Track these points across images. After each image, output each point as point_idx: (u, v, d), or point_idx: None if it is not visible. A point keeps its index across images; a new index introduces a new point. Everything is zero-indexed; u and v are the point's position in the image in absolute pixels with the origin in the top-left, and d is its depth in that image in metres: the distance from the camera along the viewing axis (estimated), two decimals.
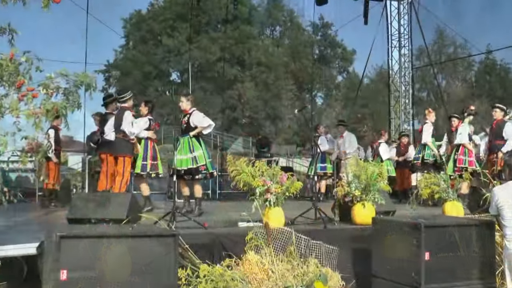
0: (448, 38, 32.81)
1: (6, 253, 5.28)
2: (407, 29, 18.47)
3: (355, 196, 7.25)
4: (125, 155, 8.79)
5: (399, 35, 18.57)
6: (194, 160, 8.41)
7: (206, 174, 8.60)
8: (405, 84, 18.81)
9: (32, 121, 4.72)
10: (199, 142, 8.58)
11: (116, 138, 8.93)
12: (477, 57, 31.76)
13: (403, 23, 18.54)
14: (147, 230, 5.02)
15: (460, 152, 10.57)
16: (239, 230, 6.42)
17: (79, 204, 6.59)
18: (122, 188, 8.68)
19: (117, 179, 8.73)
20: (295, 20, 42.34)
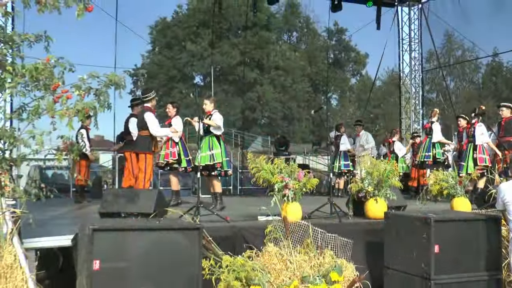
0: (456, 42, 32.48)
1: (44, 244, 5.34)
2: (417, 34, 18.34)
3: (368, 192, 7.23)
4: (146, 152, 8.81)
5: (410, 39, 18.44)
6: (211, 157, 8.48)
7: (221, 172, 8.64)
8: (415, 86, 18.66)
9: (65, 121, 4.77)
10: (218, 142, 8.63)
11: (138, 136, 8.97)
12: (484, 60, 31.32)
13: (413, 28, 18.41)
14: (173, 223, 5.05)
15: (479, 151, 10.43)
16: (259, 223, 6.43)
17: (110, 199, 6.64)
18: (145, 184, 8.70)
19: (140, 176, 8.75)
20: (311, 26, 42.34)
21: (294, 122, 38.33)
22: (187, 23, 37.03)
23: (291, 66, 37.73)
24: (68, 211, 8.80)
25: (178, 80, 36.70)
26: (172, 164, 9.58)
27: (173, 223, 5.13)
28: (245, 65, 32.40)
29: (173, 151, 9.54)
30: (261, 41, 36.86)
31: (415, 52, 18.51)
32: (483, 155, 10.42)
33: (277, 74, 37.35)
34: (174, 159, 9.50)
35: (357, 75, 44.40)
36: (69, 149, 5.07)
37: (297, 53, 40.31)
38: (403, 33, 18.55)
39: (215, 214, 6.89)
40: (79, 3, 4.95)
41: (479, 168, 10.12)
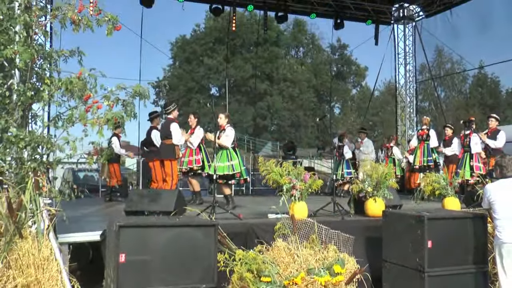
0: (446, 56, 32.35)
1: (76, 239, 5.38)
2: (411, 49, 18.26)
3: (368, 192, 7.20)
4: (171, 159, 8.84)
5: (405, 54, 18.36)
6: (230, 168, 8.42)
7: (240, 180, 8.61)
8: (410, 95, 18.57)
9: (96, 128, 4.80)
10: (236, 153, 8.56)
11: (162, 144, 8.99)
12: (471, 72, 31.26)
13: (408, 44, 18.33)
14: (191, 220, 5.05)
15: (475, 160, 10.38)
16: (269, 220, 6.42)
17: (135, 199, 6.66)
18: (173, 187, 8.74)
19: (168, 180, 8.79)
20: (316, 42, 42.31)
21: (300, 129, 38.28)
22: (204, 40, 37.16)
23: (298, 78, 37.72)
24: (97, 209, 8.84)
25: (196, 92, 36.79)
26: (196, 170, 9.52)
27: (191, 220, 5.13)
28: (256, 78, 32.47)
29: (197, 158, 9.48)
30: (271, 56, 36.90)
31: (409, 65, 18.44)
32: (478, 164, 10.38)
33: (286, 85, 37.35)
34: (199, 166, 9.47)
35: (357, 86, 44.28)
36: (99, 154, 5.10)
37: (304, 67, 40.28)
38: (399, 48, 18.48)
39: (229, 212, 6.90)
40: (109, 23, 5.00)
41: (476, 175, 10.10)
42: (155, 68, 47.36)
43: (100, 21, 4.95)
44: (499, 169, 5.24)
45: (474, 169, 10.32)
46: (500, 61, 17.55)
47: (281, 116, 37.21)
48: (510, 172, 5.16)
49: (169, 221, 4.88)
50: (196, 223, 4.81)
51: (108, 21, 4.97)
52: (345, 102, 42.89)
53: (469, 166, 10.39)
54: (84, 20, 4.99)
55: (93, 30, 5.01)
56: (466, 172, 10.21)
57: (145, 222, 4.77)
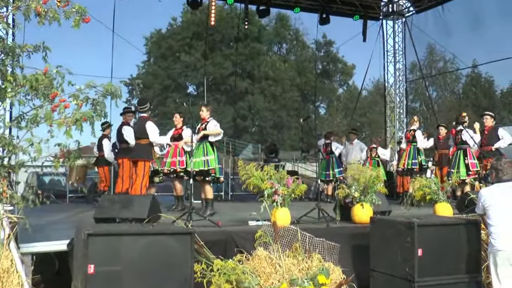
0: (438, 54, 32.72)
1: (40, 249, 5.30)
2: (401, 46, 18.43)
3: (354, 197, 7.23)
4: (144, 159, 8.80)
5: (394, 51, 18.53)
6: (205, 163, 8.40)
7: (214, 178, 8.57)
8: (400, 95, 18.75)
9: (63, 129, 4.74)
10: (212, 148, 8.56)
11: (136, 144, 8.95)
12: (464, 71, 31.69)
13: (397, 40, 18.50)
14: (166, 228, 5.02)
15: (470, 157, 10.33)
16: (250, 228, 6.41)
17: (105, 205, 6.61)
18: (142, 190, 8.68)
19: (137, 182, 8.73)
20: (300, 38, 42.40)
21: (283, 130, 38.34)
22: (181, 35, 37.02)
23: (281, 77, 37.78)
24: (65, 216, 8.74)
25: (172, 90, 36.63)
26: (179, 172, 9.51)
27: (166, 228, 5.10)
28: (236, 76, 32.45)
29: (181, 160, 9.47)
30: (252, 52, 36.92)
31: (399, 63, 18.61)
32: (474, 161, 10.33)
33: (268, 84, 37.38)
34: (182, 168, 9.45)
35: (344, 85, 44.52)
36: (66, 157, 5.04)
37: (287, 64, 40.37)
38: (388, 45, 18.65)
39: (207, 219, 6.88)
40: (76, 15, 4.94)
41: (473, 173, 10.12)
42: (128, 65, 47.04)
43: (68, 13, 4.89)
44: (494, 173, 5.25)
45: (470, 167, 10.27)
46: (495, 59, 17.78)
47: (262, 116, 37.25)
48: (506, 175, 5.15)
49: (142, 228, 4.86)
50: (171, 231, 4.79)
51: (75, 12, 4.92)
52: (331, 102, 43.10)
53: (463, 164, 10.35)
54: (50, 12, 4.93)
55: (60, 23, 4.95)
56: (462, 171, 10.24)
57: (116, 230, 4.73)
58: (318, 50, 40.13)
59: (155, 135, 8.83)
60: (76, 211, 9.79)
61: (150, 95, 32.84)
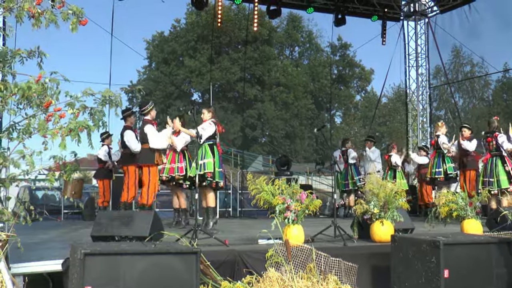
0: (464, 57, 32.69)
1: (32, 269, 5.31)
2: (424, 49, 18.43)
3: (374, 214, 7.19)
4: (149, 165, 8.84)
5: (416, 55, 18.52)
6: (202, 167, 8.36)
7: (212, 183, 8.46)
8: (423, 102, 18.71)
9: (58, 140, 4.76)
10: (212, 151, 8.50)
11: (142, 149, 9.01)
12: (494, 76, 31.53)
13: (420, 43, 18.50)
14: (169, 247, 5.01)
15: (509, 163, 10.16)
16: (260, 247, 6.39)
17: (103, 222, 6.62)
18: (149, 199, 8.72)
19: (144, 189, 8.78)
20: (314, 40, 42.53)
21: (296, 141, 38.34)
22: (185, 37, 37.23)
23: (293, 82, 37.85)
24: (59, 234, 8.76)
25: (175, 97, 36.80)
26: (178, 179, 9.54)
27: (169, 247, 5.09)
28: (245, 81, 32.55)
29: (180, 166, 9.50)
30: (262, 56, 37.03)
31: (422, 67, 18.60)
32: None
33: (279, 90, 37.46)
34: (181, 175, 9.47)
35: (362, 92, 44.59)
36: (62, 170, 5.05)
37: (299, 69, 40.48)
38: (409, 48, 18.65)
39: (213, 237, 6.86)
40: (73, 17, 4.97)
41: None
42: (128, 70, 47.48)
43: (64, 14, 4.93)
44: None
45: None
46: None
47: (273, 126, 37.27)
48: None
49: (144, 247, 4.85)
50: (175, 250, 4.78)
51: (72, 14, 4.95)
52: (347, 110, 43.11)
53: (503, 171, 10.17)
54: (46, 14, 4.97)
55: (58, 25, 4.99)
56: (502, 179, 10.10)
57: (115, 249, 4.73)
58: (333, 53, 40.26)
59: (154, 139, 8.83)
60: (72, 229, 9.81)
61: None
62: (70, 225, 10.60)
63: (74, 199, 12.11)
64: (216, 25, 17.25)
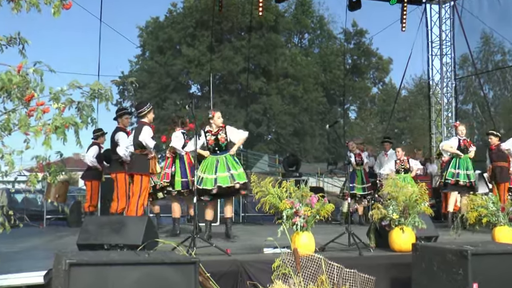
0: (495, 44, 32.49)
1: (11, 282, 5.31)
2: (449, 35, 18.39)
3: (392, 219, 7.18)
4: (142, 173, 8.83)
5: (441, 42, 18.50)
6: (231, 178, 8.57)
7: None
8: (448, 95, 18.70)
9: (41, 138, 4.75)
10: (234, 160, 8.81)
11: (133, 155, 9.00)
12: None
13: (444, 29, 18.47)
14: (165, 257, 5.01)
15: None
16: (265, 257, 6.41)
17: (91, 229, 6.63)
18: (139, 211, 8.71)
19: (132, 200, 8.77)
20: (326, 27, 42.44)
21: (306, 138, 38.30)
22: (183, 23, 37.19)
23: (302, 74, 37.79)
24: (41, 242, 8.78)
25: (171, 90, 36.79)
26: (166, 187, 9.65)
27: (165, 256, 5.09)
28: (249, 73, 32.51)
29: (167, 172, 9.58)
30: (268, 44, 36.98)
31: (446, 56, 18.57)
32: None
33: (286, 82, 37.42)
34: (167, 182, 9.53)
35: (379, 84, 44.46)
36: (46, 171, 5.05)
37: (310, 58, 40.41)
38: (433, 34, 18.66)
39: (214, 246, 6.87)
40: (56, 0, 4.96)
41: None
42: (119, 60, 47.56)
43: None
44: None
45: None
46: None
47: (280, 122, 37.25)
48: None
49: (136, 257, 4.85)
50: (170, 260, 4.78)
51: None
52: (363, 104, 43.03)
53: None
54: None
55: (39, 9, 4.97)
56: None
57: (104, 259, 4.73)
58: (347, 41, 40.15)
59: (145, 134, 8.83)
60: (56, 236, 9.83)
61: (146, 97, 33.00)
62: (53, 232, 10.62)
63: (58, 203, 12.13)
64: (217, 10, 17.26)
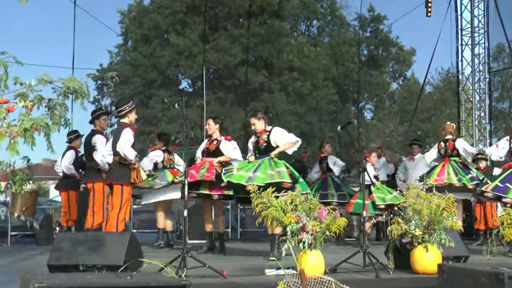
0: None
1: None
2: (482, 22, 18.40)
3: (415, 236, 7.19)
4: (123, 183, 8.83)
5: (472, 30, 18.51)
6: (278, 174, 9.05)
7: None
8: (480, 92, 18.70)
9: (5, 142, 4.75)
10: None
11: (113, 162, 9.00)
12: None
13: (477, 14, 18.50)
14: (150, 279, 5.02)
15: None
16: (267, 279, 6.43)
17: (64, 247, 6.62)
18: (119, 226, 8.71)
19: (112, 214, 8.77)
20: (338, 12, 42.45)
21: (314, 142, 38.24)
22: (171, 8, 37.20)
23: (310, 67, 37.78)
24: (6, 263, 8.80)
25: (158, 86, 36.79)
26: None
27: (150, 279, 5.11)
28: (248, 66, 32.52)
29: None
30: (270, 32, 36.99)
31: (479, 46, 18.60)
32: None
33: (292, 77, 37.42)
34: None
35: (399, 78, 44.46)
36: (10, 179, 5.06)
37: (319, 49, 40.44)
38: (463, 21, 18.63)
39: (207, 266, 6.89)
40: None
41: None
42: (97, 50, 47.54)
43: None
44: None
45: None
46: None
47: (285, 122, 37.11)
48: None
49: (117, 280, 4.86)
50: (157, 283, 4.80)
51: None
52: (380, 102, 43.00)
53: None
54: None
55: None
56: None
57: (80, 281, 4.75)
58: (362, 28, 40.16)
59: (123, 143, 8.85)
60: (22, 256, 9.83)
61: (129, 93, 32.98)
62: (19, 251, 10.63)
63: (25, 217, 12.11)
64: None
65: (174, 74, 37.85)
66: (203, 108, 23.33)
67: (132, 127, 9.10)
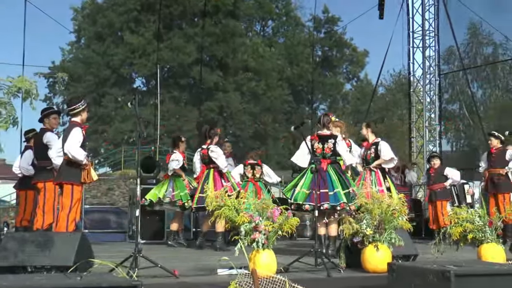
0: (484, 36, 33.05)
1: None
2: (433, 25, 18.62)
3: (366, 236, 7.23)
4: (73, 182, 8.72)
5: (423, 33, 18.72)
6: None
7: None
8: (431, 94, 18.91)
9: None
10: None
11: (63, 161, 8.89)
12: None
13: (428, 18, 18.69)
14: (101, 280, 4.97)
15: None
16: (219, 279, 6.41)
17: (11, 247, 6.52)
18: (69, 226, 8.60)
19: (62, 214, 8.65)
20: (292, 13, 42.64)
21: (268, 142, 38.43)
22: (125, 6, 36.99)
23: (264, 67, 37.90)
24: None
25: (112, 84, 36.57)
26: None
27: (101, 279, 5.05)
28: (203, 65, 32.45)
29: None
30: (225, 32, 37.01)
31: (430, 49, 18.81)
32: None
33: (246, 77, 37.50)
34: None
35: (353, 80, 44.87)
36: None
37: (273, 49, 40.55)
38: (415, 24, 18.83)
39: (159, 266, 6.85)
40: None
41: None
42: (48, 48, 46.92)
43: None
44: None
45: None
46: None
47: (239, 122, 37.32)
48: None
49: (66, 281, 4.81)
50: (108, 284, 4.74)
51: None
52: (334, 103, 43.33)
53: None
54: None
55: None
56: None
57: (27, 283, 4.68)
58: (317, 30, 40.39)
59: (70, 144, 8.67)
60: None
61: (81, 92, 32.66)
62: None
63: None
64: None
65: (128, 72, 37.66)
66: (157, 107, 23.23)
67: (83, 126, 8.99)
